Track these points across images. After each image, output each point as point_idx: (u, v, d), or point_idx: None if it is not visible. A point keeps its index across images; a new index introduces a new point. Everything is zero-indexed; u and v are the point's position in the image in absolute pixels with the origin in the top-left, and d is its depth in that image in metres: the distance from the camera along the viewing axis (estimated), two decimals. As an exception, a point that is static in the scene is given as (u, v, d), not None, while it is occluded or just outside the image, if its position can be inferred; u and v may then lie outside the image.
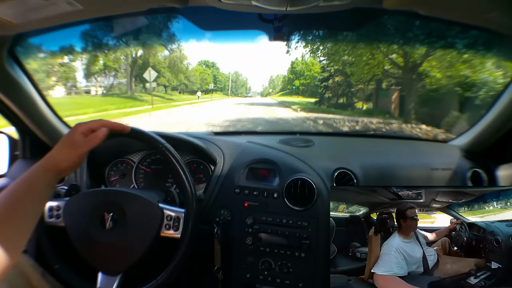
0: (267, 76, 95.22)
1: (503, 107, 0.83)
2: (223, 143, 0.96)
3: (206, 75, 33.54)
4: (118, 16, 0.70)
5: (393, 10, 0.65)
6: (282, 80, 42.73)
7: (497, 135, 0.91)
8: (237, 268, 0.81)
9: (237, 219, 0.81)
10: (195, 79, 26.90)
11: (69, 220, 0.67)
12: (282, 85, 42.19)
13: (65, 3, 0.59)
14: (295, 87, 31.00)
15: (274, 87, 49.80)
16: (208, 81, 33.24)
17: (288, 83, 34.25)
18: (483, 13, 0.61)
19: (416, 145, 1.16)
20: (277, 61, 76.07)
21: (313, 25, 0.85)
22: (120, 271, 0.64)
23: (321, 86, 15.94)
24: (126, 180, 1.01)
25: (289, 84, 33.41)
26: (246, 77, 56.76)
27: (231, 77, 43.91)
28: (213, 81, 35.62)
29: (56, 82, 12.28)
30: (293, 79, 32.06)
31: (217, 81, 37.04)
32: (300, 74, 29.94)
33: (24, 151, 1.01)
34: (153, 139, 0.68)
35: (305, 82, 28.88)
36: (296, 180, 0.78)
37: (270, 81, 53.37)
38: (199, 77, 29.94)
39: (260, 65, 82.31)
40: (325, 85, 15.29)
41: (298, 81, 30.28)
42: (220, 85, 38.19)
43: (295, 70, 31.37)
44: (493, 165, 0.93)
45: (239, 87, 50.17)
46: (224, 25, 0.86)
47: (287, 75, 35.60)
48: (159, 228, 0.65)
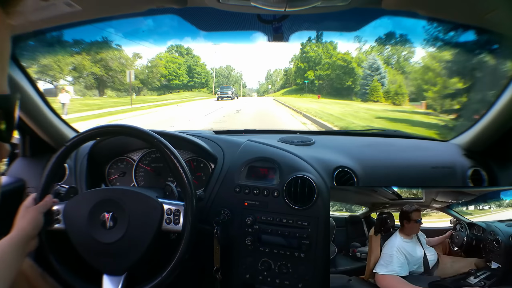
0: (263, 71, 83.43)
1: (504, 106, 0.83)
2: (223, 142, 0.96)
3: (176, 66, 25.14)
4: (116, 17, 0.70)
5: (392, 10, 0.65)
6: (285, 74, 33.38)
7: (498, 133, 0.90)
8: (236, 268, 0.81)
9: (237, 218, 0.81)
10: (149, 73, 20.38)
11: (70, 224, 0.67)
12: (284, 79, 33.11)
13: (64, 4, 0.59)
14: (308, 81, 22.06)
15: (272, 82, 41.97)
16: (179, 73, 25.05)
17: (296, 76, 24.88)
18: (481, 14, 0.61)
19: (417, 143, 1.16)
20: (276, 53, 65.21)
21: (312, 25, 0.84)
22: (124, 271, 0.64)
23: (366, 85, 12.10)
24: (126, 179, 1.01)
25: (299, 77, 23.93)
26: (240, 72, 46.74)
27: (214, 72, 34.41)
28: (188, 74, 26.57)
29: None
30: (305, 69, 22.68)
31: (194, 75, 27.52)
32: (316, 63, 21.66)
33: (23, 150, 1.01)
34: (147, 134, 0.68)
35: (323, 73, 20.63)
36: (296, 179, 0.78)
37: (268, 77, 44.86)
38: (162, 68, 22.92)
39: (256, 59, 70.49)
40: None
41: (313, 72, 21.67)
42: (200, 79, 28.38)
43: (307, 57, 22.40)
44: (493, 164, 0.92)
45: (231, 84, 41.69)
46: (223, 26, 0.86)
47: (294, 65, 26.33)
48: (159, 223, 0.65)
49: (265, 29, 0.76)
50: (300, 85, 24.50)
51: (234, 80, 42.78)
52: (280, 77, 40.26)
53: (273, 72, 44.34)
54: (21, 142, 1.01)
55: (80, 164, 0.96)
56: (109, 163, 1.02)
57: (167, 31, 1.84)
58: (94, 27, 0.72)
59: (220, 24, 0.85)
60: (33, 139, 1.00)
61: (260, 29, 0.78)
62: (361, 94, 16.07)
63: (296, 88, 25.70)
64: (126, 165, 1.02)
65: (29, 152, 1.01)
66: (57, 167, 0.69)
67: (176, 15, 0.72)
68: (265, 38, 0.81)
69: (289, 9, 0.62)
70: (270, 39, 0.80)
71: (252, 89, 45.81)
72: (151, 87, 21.52)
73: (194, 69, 27.86)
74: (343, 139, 1.25)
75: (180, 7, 0.64)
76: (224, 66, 42.22)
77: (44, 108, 0.95)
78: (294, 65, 26.86)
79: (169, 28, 1.46)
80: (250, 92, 44.54)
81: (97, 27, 1.54)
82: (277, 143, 1.00)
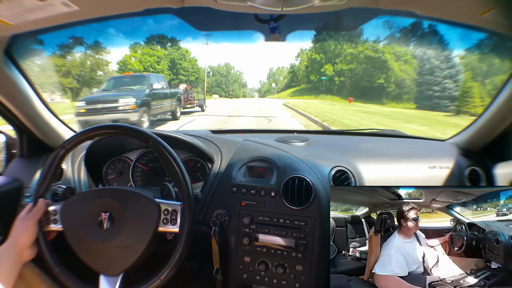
0: (265, 70, 75.98)
1: (501, 106, 0.83)
2: (220, 141, 0.96)
3: (154, 59, 19.66)
4: (113, 16, 0.70)
5: (389, 10, 0.65)
6: (290, 71, 27.90)
7: (495, 133, 0.90)
8: (234, 268, 0.81)
9: (234, 218, 0.80)
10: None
11: (67, 224, 0.67)
12: (289, 78, 28.34)
13: (61, 4, 0.59)
14: (326, 78, 16.80)
15: (275, 81, 37.32)
16: (157, 68, 19.72)
17: (308, 72, 19.27)
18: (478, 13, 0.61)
19: (414, 143, 1.16)
20: (279, 50, 60.32)
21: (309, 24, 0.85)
22: (121, 271, 0.64)
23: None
24: (123, 179, 1.01)
25: (312, 72, 18.40)
26: (240, 70, 42.49)
27: (208, 69, 30.50)
28: (170, 70, 21.16)
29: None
30: (321, 63, 17.39)
31: (178, 71, 21.82)
32: (335, 54, 16.60)
33: (21, 150, 1.01)
34: (144, 134, 0.68)
35: (345, 68, 15.17)
36: (294, 179, 0.78)
37: (270, 75, 39.89)
38: (135, 62, 17.85)
39: (257, 57, 66.74)
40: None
41: (331, 66, 16.47)
42: (187, 77, 22.47)
43: (324, 46, 16.84)
44: (490, 163, 0.92)
45: (230, 83, 37.20)
46: (220, 26, 0.86)
47: (306, 58, 20.55)
48: (157, 224, 0.64)
49: (262, 28, 0.76)
50: (314, 83, 18.61)
51: (233, 79, 38.43)
52: (284, 75, 35.33)
53: (275, 70, 39.65)
54: (18, 142, 1.01)
55: (77, 164, 0.95)
56: (106, 163, 1.02)
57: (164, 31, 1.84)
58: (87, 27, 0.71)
59: (217, 24, 0.85)
60: (31, 139, 1.01)
61: (257, 28, 0.78)
62: (424, 98, 10.48)
63: (307, 88, 20.06)
64: (123, 165, 1.02)
65: (26, 152, 1.01)
66: (53, 167, 0.69)
67: (173, 15, 0.72)
68: (262, 38, 0.82)
69: (286, 9, 0.62)
70: (267, 39, 0.80)
71: (253, 89, 41.90)
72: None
73: (178, 63, 21.94)
74: (340, 139, 1.25)
75: (177, 7, 0.64)
76: (222, 64, 37.84)
77: (41, 108, 0.95)
78: (306, 58, 20.47)
79: (167, 28, 1.45)
80: (251, 92, 40.74)
81: (91, 27, 1.51)
82: (274, 142, 1.00)
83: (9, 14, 0.61)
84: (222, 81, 36.64)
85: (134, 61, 18.48)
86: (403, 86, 12.78)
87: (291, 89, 25.13)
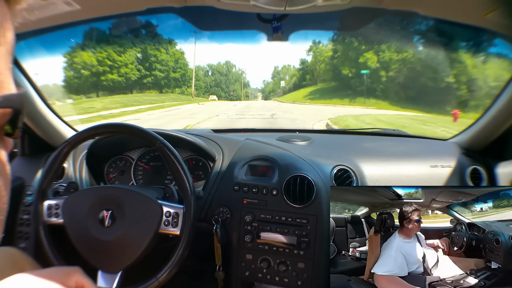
0: (270, 68, 67.52)
1: (503, 105, 0.83)
2: (222, 140, 0.96)
3: (118, 52, 13.12)
4: (116, 16, 0.70)
5: (392, 10, 0.65)
6: (300, 68, 23.28)
7: (497, 132, 0.90)
8: (236, 266, 0.81)
9: (236, 216, 0.81)
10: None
11: (68, 218, 0.67)
12: (299, 75, 22.64)
13: (63, 3, 0.59)
14: (368, 72, 10.66)
15: (283, 78, 31.83)
16: (119, 62, 13.52)
17: (340, 63, 12.75)
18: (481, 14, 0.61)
19: (415, 142, 1.16)
20: (284, 47, 51.75)
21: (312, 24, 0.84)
22: (120, 269, 0.64)
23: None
24: (125, 177, 1.01)
25: (346, 64, 11.94)
26: (242, 69, 37.91)
27: (195, 71, 24.10)
28: (142, 65, 14.94)
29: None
30: (359, 50, 10.95)
31: (154, 66, 15.59)
32: (381, 38, 8.47)
33: (22, 149, 1.02)
34: (150, 135, 0.68)
35: (396, 58, 9.43)
36: (295, 177, 0.78)
37: (275, 74, 34.71)
38: (86, 55, 11.90)
39: (261, 54, 60.63)
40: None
41: (376, 57, 10.39)
42: (164, 72, 16.43)
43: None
44: (492, 162, 0.92)
45: (231, 83, 33.05)
46: (222, 25, 0.86)
47: (330, 49, 14.75)
48: (158, 225, 0.65)
49: (265, 28, 0.76)
50: (344, 80, 12.44)
51: (234, 79, 34.44)
52: (292, 74, 29.53)
53: (281, 68, 34.59)
54: (20, 141, 1.01)
55: (79, 163, 0.96)
56: (108, 162, 1.02)
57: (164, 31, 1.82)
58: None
59: (219, 23, 0.84)
60: (32, 138, 1.00)
61: (260, 28, 0.78)
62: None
63: (329, 87, 13.20)
64: (125, 163, 1.02)
65: (28, 151, 1.01)
66: (57, 162, 0.70)
67: (175, 14, 0.72)
68: (265, 38, 0.81)
69: (289, 8, 0.62)
70: (269, 39, 0.80)
71: (256, 89, 38.13)
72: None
73: (154, 56, 15.51)
74: (341, 138, 1.25)
75: (179, 6, 0.64)
76: (223, 62, 34.24)
77: (43, 107, 0.95)
78: (326, 50, 14.06)
79: (166, 27, 1.40)
80: (255, 92, 37.07)
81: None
82: (276, 141, 1.00)
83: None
84: (222, 81, 33.20)
85: (85, 52, 12.50)
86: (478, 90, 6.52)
87: (304, 89, 18.00)
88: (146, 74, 15.77)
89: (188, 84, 18.84)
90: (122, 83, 13.84)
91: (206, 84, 30.92)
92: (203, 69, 32.01)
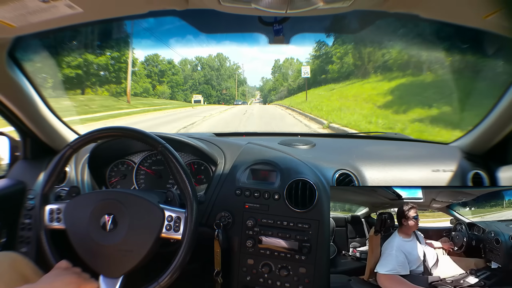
0: (269, 62, 60.07)
1: (504, 109, 0.83)
2: (224, 144, 0.96)
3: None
4: (118, 19, 0.70)
5: (393, 12, 0.65)
6: (317, 55, 15.22)
7: (499, 136, 0.90)
8: (237, 271, 0.81)
9: (238, 221, 0.81)
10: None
11: (70, 223, 0.67)
12: (317, 65, 14.03)
13: (65, 6, 0.59)
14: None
15: (284, 76, 26.64)
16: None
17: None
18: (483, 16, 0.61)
19: (417, 146, 1.16)
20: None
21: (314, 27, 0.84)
22: (121, 274, 0.64)
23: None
24: (127, 181, 1.01)
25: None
26: (237, 63, 33.43)
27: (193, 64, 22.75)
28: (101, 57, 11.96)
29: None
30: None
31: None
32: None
33: (25, 152, 1.01)
34: (153, 139, 0.68)
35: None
36: (297, 182, 0.78)
37: (275, 69, 28.52)
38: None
39: (259, 48, 52.57)
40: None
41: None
42: (115, 71, 13.37)
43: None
44: (494, 166, 0.92)
45: (223, 79, 28.29)
46: (223, 28, 0.86)
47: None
48: (160, 229, 0.65)
49: (266, 31, 0.76)
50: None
51: (228, 74, 28.96)
52: (297, 67, 23.62)
53: (282, 62, 27.93)
54: (22, 145, 1.01)
55: (81, 167, 0.96)
56: (110, 166, 1.02)
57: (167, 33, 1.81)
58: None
59: (220, 26, 0.84)
60: (34, 141, 1.00)
61: (261, 31, 0.78)
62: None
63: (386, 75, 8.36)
64: (127, 167, 1.02)
65: (30, 155, 1.01)
66: (60, 166, 0.70)
67: (177, 17, 0.72)
68: (266, 40, 0.81)
69: (290, 11, 0.62)
70: (271, 41, 0.80)
71: (254, 87, 32.84)
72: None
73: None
74: (344, 142, 1.25)
75: (181, 9, 0.64)
76: (214, 55, 28.42)
77: (45, 111, 0.95)
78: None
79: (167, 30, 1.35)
80: (253, 91, 32.72)
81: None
82: (277, 145, 1.00)
83: (12, 16, 0.61)
84: (213, 76, 27.60)
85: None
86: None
87: (326, 86, 11.81)
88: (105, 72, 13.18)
89: (177, 81, 16.65)
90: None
91: (195, 80, 26.29)
92: (191, 63, 26.86)
